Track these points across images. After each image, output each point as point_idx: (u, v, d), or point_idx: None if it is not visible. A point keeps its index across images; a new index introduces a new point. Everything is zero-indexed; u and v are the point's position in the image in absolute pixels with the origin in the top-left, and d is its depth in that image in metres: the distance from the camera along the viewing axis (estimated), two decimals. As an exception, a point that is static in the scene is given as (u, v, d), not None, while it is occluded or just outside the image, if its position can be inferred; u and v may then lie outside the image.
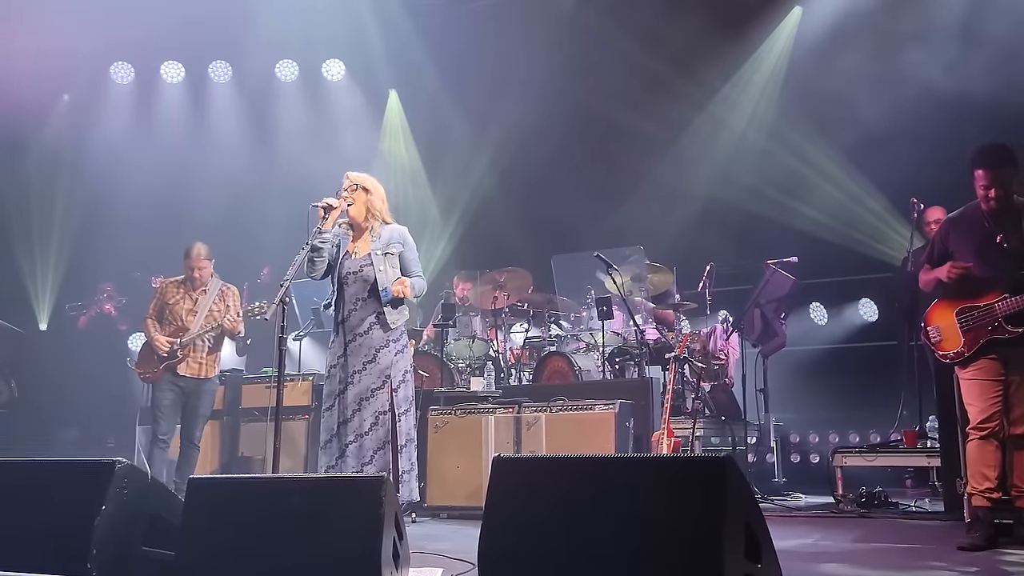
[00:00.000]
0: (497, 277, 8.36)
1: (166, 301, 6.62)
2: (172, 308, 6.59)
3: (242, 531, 3.24)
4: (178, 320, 6.57)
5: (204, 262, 6.64)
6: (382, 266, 5.04)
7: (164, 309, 6.61)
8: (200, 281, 6.66)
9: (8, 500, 3.53)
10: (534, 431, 6.11)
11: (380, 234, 5.13)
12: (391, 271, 5.07)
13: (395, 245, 5.13)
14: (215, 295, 6.69)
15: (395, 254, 5.12)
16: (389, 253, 5.10)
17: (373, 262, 5.04)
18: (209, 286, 6.69)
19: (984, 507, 4.38)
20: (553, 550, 2.89)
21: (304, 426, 7.05)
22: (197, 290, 6.66)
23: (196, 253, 6.63)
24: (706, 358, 7.62)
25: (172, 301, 6.61)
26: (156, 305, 6.66)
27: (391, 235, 5.15)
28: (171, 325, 6.57)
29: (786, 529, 5.17)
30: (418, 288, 5.16)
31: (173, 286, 6.68)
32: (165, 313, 6.60)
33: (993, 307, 4.38)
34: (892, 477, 7.04)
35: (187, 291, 6.65)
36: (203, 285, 6.67)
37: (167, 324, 6.58)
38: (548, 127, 9.63)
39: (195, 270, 6.62)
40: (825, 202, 9.13)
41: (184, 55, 11.22)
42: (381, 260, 5.06)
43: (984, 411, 4.39)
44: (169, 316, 6.59)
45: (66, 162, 10.60)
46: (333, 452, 4.93)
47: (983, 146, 4.50)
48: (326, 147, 10.78)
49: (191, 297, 6.64)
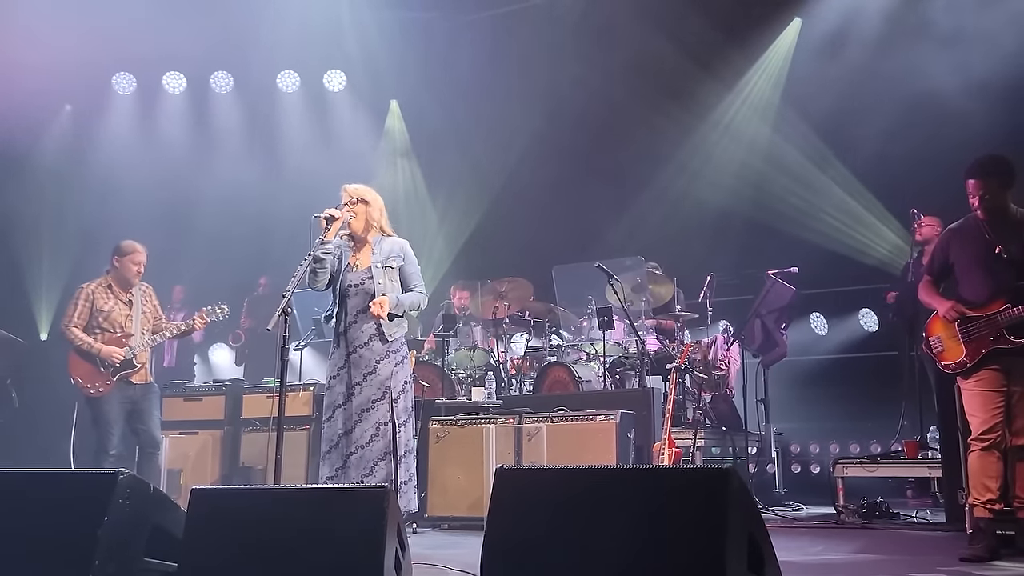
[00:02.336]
0: (498, 287, 8.37)
1: (99, 308, 6.13)
2: (108, 315, 6.15)
3: (244, 542, 3.23)
4: (117, 327, 6.16)
5: (144, 258, 6.27)
6: (382, 279, 5.04)
7: (94, 316, 6.13)
8: (134, 281, 6.25)
9: (10, 510, 3.52)
10: (535, 441, 6.11)
11: (381, 247, 5.14)
12: (391, 284, 5.07)
13: (395, 259, 5.12)
14: (142, 295, 6.33)
15: (395, 268, 5.12)
16: (389, 267, 5.09)
17: (373, 275, 5.04)
18: (136, 286, 6.31)
19: (986, 518, 4.37)
20: (556, 561, 2.89)
21: (305, 436, 7.03)
22: (127, 292, 6.24)
23: (138, 249, 6.24)
24: (707, 368, 7.62)
25: (107, 308, 6.15)
26: (82, 313, 6.13)
27: (391, 248, 5.15)
28: (108, 333, 6.13)
29: (788, 540, 5.17)
30: (416, 302, 5.15)
31: (101, 290, 6.19)
32: (98, 320, 6.13)
33: (995, 317, 4.39)
34: (893, 488, 7.04)
35: (117, 294, 6.22)
36: (134, 285, 6.27)
37: (102, 332, 6.13)
38: (549, 137, 9.66)
39: (137, 267, 6.21)
40: (826, 212, 9.16)
41: (186, 66, 11.25)
42: (381, 273, 5.06)
43: (986, 422, 4.39)
44: (105, 324, 6.14)
45: (68, 172, 10.61)
46: (334, 463, 4.93)
47: (978, 158, 4.54)
48: (327, 157, 10.81)
49: (123, 301, 6.23)
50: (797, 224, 9.02)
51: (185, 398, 7.62)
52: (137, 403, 6.20)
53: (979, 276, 4.52)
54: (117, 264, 6.24)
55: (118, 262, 6.23)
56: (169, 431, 7.33)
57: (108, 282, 6.25)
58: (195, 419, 7.46)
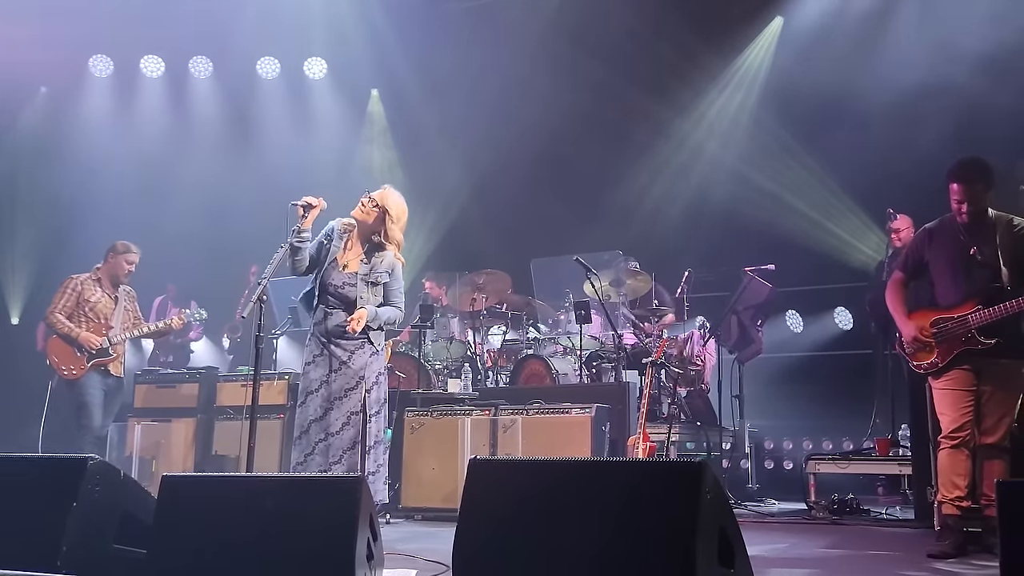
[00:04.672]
0: (476, 279, 8.36)
1: (86, 299, 6.52)
2: (94, 306, 6.52)
3: (215, 530, 3.21)
4: (101, 318, 6.53)
5: (136, 259, 6.67)
6: (364, 293, 4.99)
7: (80, 306, 6.50)
8: (123, 280, 6.67)
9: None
10: (511, 434, 6.12)
11: (373, 259, 5.04)
12: (373, 299, 5.02)
13: (382, 275, 5.05)
14: (125, 295, 6.73)
15: (380, 284, 5.06)
16: (373, 283, 5.03)
17: (357, 285, 4.99)
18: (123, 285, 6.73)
19: (954, 515, 4.42)
20: (528, 552, 2.89)
21: (279, 425, 6.99)
22: (115, 289, 6.64)
23: (133, 250, 6.64)
24: (683, 363, 7.66)
25: (93, 299, 6.53)
26: (68, 301, 6.50)
27: (380, 264, 5.06)
28: (91, 323, 6.49)
29: (759, 535, 5.21)
30: (393, 318, 5.11)
31: (90, 283, 6.57)
32: (84, 310, 6.50)
33: (967, 318, 4.43)
34: (864, 484, 7.11)
35: (105, 289, 6.60)
36: (123, 283, 6.69)
37: (87, 321, 6.49)
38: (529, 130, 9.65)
39: (129, 267, 6.63)
40: (803, 211, 9.21)
41: (164, 49, 11.14)
42: (365, 288, 4.99)
43: (956, 420, 4.44)
44: (91, 314, 6.51)
45: (42, 155, 10.48)
46: (304, 448, 4.92)
47: (959, 160, 4.55)
48: (307, 145, 10.75)
49: (110, 296, 6.60)
50: (774, 222, 9.06)
51: (158, 385, 7.54)
52: (109, 395, 6.57)
53: (953, 277, 4.56)
54: (111, 260, 6.63)
55: (112, 259, 6.63)
56: (141, 418, 7.29)
57: (98, 276, 6.63)
58: (168, 407, 7.39)
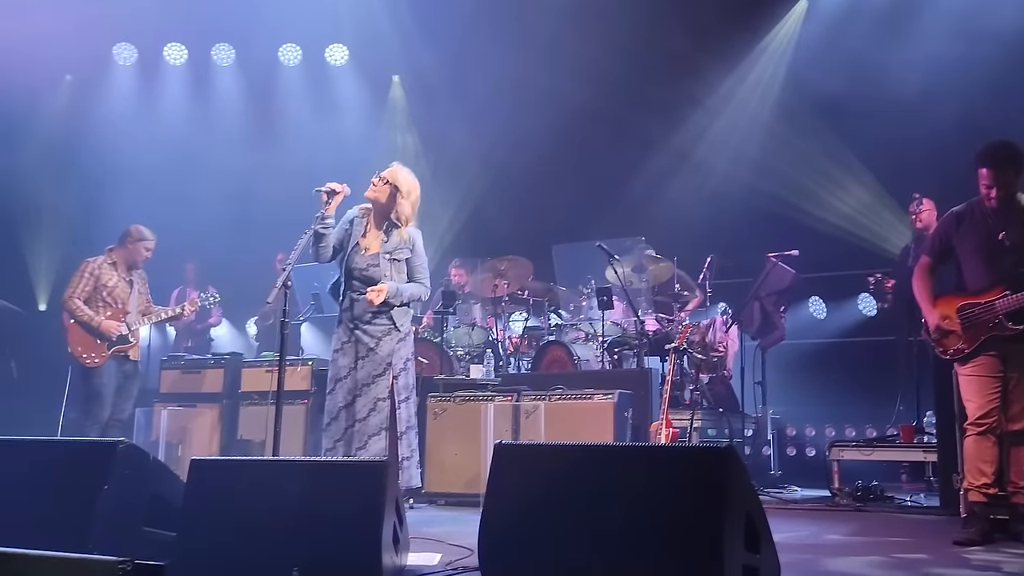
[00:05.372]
0: (498, 265, 8.37)
1: (103, 283, 6.43)
2: (112, 291, 6.45)
3: (243, 513, 3.25)
4: (118, 303, 6.45)
5: (153, 245, 6.63)
6: (388, 271, 5.01)
7: (98, 290, 6.42)
8: (140, 265, 6.62)
9: (10, 479, 3.53)
10: (533, 419, 6.13)
11: (392, 236, 5.08)
12: (397, 276, 5.05)
13: (404, 251, 5.08)
14: (139, 278, 6.66)
15: (402, 260, 5.09)
16: (396, 259, 5.06)
17: (380, 265, 5.01)
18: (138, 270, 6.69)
19: (980, 503, 4.40)
20: (553, 537, 2.91)
21: (303, 411, 7.04)
22: (129, 273, 6.58)
23: (150, 236, 6.59)
24: (705, 350, 7.64)
25: (111, 283, 6.45)
26: (86, 286, 6.41)
27: (402, 239, 5.09)
28: (109, 308, 6.42)
29: (782, 521, 5.19)
30: (418, 294, 5.12)
31: (107, 267, 6.48)
32: (102, 295, 6.42)
33: (994, 304, 4.38)
34: (887, 471, 7.07)
35: (121, 274, 6.53)
36: (139, 269, 6.64)
37: (103, 307, 6.41)
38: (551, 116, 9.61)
39: (147, 252, 6.58)
40: (827, 196, 9.14)
41: (187, 37, 11.19)
42: (388, 266, 5.02)
43: (982, 407, 4.41)
44: (108, 299, 6.43)
45: (68, 143, 10.57)
46: (334, 435, 4.94)
47: (988, 144, 4.48)
48: (329, 131, 10.77)
49: (126, 280, 6.54)
50: (798, 207, 9.00)
51: (184, 371, 7.62)
52: (127, 379, 6.51)
53: (980, 262, 4.51)
54: (130, 247, 6.56)
55: (131, 244, 6.56)
56: (168, 404, 7.37)
57: (113, 260, 6.55)
58: (194, 392, 7.48)
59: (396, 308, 5.01)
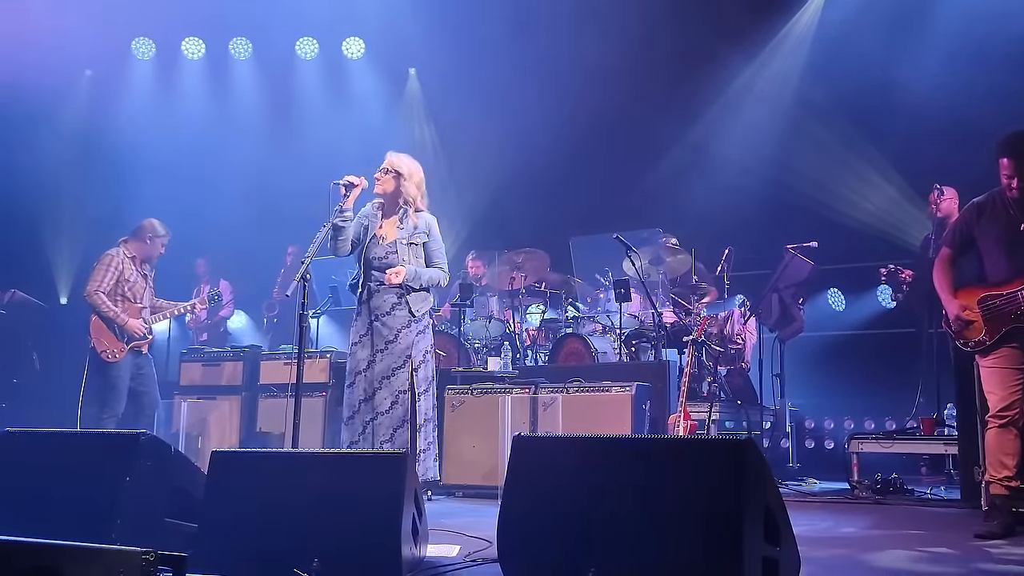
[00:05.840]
0: (515, 258, 8.37)
1: (125, 277, 6.46)
2: (132, 285, 6.48)
3: (264, 504, 3.28)
4: (136, 298, 6.49)
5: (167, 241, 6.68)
6: (406, 256, 5.05)
7: (120, 284, 6.44)
8: (155, 261, 6.68)
9: (33, 470, 3.58)
10: (551, 412, 6.13)
11: (408, 222, 5.12)
12: (415, 261, 5.09)
13: (420, 235, 5.12)
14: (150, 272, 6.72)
15: (419, 244, 5.12)
16: (413, 244, 5.10)
17: (398, 251, 5.04)
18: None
19: (1002, 495, 4.37)
20: (571, 529, 2.91)
21: (321, 403, 7.07)
22: (146, 267, 6.63)
23: (166, 232, 6.63)
24: (723, 342, 7.62)
25: (132, 279, 6.48)
26: (111, 279, 6.42)
27: (417, 225, 5.14)
28: (127, 302, 6.45)
29: (801, 514, 5.16)
30: (436, 278, 5.15)
31: (128, 261, 6.50)
32: (123, 289, 6.45)
33: (1016, 295, 4.35)
34: (907, 464, 7.03)
35: (139, 269, 6.56)
36: (153, 263, 6.70)
37: (124, 300, 6.45)
38: (568, 108, 9.60)
39: (163, 249, 6.64)
40: (846, 187, 9.08)
41: (205, 31, 11.24)
42: (406, 251, 5.07)
43: (1004, 399, 4.38)
44: (128, 293, 6.46)
45: (88, 137, 10.64)
46: (356, 428, 4.97)
47: (1010, 134, 4.44)
48: (346, 125, 10.79)
49: (142, 274, 6.58)
50: (816, 199, 8.95)
51: (203, 363, 7.68)
52: (142, 368, 6.59)
53: (1002, 254, 4.47)
54: (148, 242, 6.58)
55: (150, 241, 6.58)
56: (187, 396, 7.42)
57: (132, 254, 6.56)
58: (213, 384, 7.53)
59: (414, 293, 5.03)
